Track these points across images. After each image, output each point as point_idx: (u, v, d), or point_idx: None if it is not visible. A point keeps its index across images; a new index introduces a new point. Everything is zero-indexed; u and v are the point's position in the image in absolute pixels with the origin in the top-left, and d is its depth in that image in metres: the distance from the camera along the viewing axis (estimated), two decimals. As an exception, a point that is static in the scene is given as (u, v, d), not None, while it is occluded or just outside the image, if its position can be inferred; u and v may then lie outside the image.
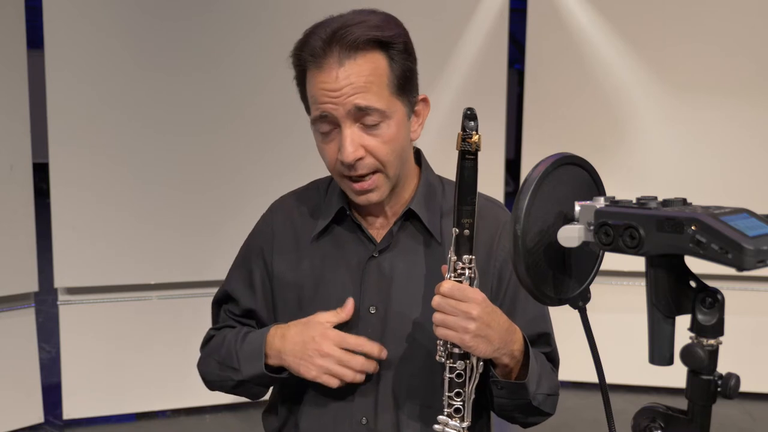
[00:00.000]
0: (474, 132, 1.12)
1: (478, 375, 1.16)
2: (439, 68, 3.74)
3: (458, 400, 1.15)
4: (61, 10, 3.25)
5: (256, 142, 3.55)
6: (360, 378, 1.24)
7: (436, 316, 1.13)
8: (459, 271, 1.14)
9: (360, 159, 1.19)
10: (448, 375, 1.15)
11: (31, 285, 3.34)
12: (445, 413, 1.16)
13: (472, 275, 1.15)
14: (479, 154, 1.14)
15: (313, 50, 1.18)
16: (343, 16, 1.21)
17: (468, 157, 1.13)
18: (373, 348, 1.24)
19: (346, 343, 1.23)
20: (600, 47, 3.79)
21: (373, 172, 1.22)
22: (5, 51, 3.17)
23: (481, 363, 1.16)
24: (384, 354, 1.25)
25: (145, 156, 3.44)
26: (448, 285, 1.13)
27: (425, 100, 1.29)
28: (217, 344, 1.38)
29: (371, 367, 1.25)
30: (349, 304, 1.27)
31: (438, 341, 1.16)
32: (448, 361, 1.15)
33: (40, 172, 3.39)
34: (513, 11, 3.85)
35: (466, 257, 1.14)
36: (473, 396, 1.16)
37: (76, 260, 3.38)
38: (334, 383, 1.24)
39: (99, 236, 3.39)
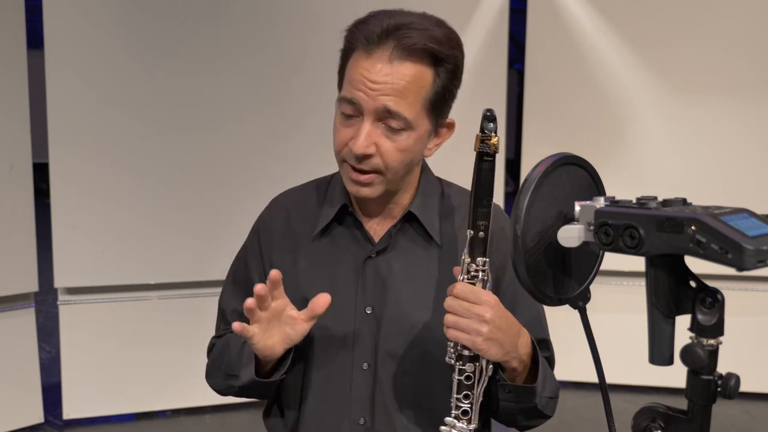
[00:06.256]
0: (493, 133, 1.11)
1: (486, 378, 1.15)
2: (439, 68, 3.73)
3: (466, 402, 1.14)
4: (61, 10, 3.25)
5: (257, 142, 3.54)
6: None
7: (448, 318, 1.11)
8: (472, 273, 1.13)
9: (368, 156, 1.19)
10: (456, 377, 1.13)
11: (31, 285, 3.34)
12: (453, 415, 1.14)
13: (485, 278, 1.13)
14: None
15: (369, 34, 1.16)
16: (411, 14, 1.19)
17: (486, 159, 1.11)
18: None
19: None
20: (600, 47, 3.79)
21: (375, 171, 1.21)
22: (5, 51, 3.17)
23: (491, 366, 1.15)
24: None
25: (145, 156, 3.43)
26: (460, 287, 1.11)
27: (451, 125, 1.28)
28: (219, 352, 1.36)
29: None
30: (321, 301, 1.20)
31: (448, 343, 1.14)
32: (457, 363, 1.13)
33: (40, 172, 3.38)
34: (513, 11, 3.85)
35: (480, 259, 1.13)
36: (481, 398, 1.15)
37: (76, 260, 3.37)
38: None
39: (99, 236, 3.39)
